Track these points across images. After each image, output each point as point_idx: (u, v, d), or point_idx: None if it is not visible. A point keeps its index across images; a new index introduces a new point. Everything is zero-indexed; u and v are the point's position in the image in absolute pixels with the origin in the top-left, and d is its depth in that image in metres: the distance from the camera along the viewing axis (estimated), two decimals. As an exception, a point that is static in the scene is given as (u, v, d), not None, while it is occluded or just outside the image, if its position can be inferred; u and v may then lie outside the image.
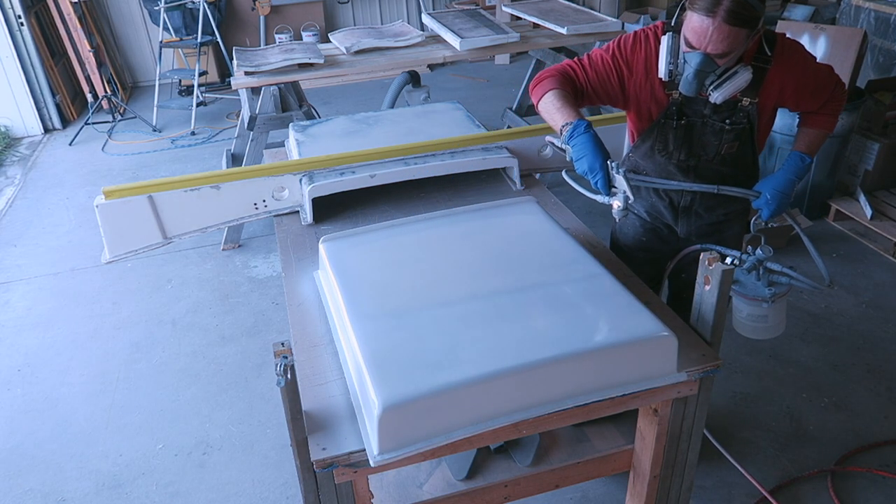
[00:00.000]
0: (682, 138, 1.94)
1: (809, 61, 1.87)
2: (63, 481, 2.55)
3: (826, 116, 1.95)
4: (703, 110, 1.89)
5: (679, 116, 1.91)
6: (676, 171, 2.00)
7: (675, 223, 2.12)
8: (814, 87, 1.89)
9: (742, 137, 1.92)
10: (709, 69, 1.72)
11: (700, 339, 1.62)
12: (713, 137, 1.92)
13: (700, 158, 1.96)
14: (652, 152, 2.00)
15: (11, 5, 5.72)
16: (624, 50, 1.89)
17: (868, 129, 3.93)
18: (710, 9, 1.63)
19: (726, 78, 1.74)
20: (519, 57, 7.44)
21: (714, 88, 1.75)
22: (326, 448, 1.36)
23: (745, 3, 1.61)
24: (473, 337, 1.47)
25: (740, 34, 1.65)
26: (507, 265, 1.72)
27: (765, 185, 1.89)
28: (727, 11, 1.61)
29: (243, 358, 3.14)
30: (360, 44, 3.93)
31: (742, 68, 1.74)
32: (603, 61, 1.90)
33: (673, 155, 1.97)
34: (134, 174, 5.22)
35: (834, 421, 2.62)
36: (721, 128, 1.90)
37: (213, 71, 7.04)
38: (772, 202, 1.86)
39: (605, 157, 1.67)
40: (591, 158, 1.66)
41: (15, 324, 3.48)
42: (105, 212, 2.07)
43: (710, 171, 1.98)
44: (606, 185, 1.66)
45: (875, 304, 3.27)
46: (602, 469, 1.90)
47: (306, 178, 2.18)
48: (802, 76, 1.86)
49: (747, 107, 1.86)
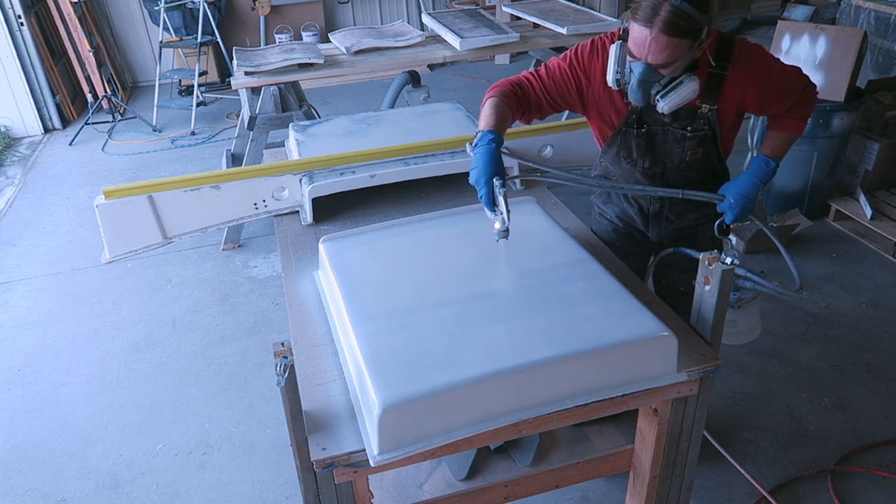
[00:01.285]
0: (644, 146, 1.93)
1: (772, 65, 1.83)
2: (63, 481, 2.55)
3: (794, 120, 1.91)
4: (663, 118, 1.87)
5: (639, 125, 1.90)
6: (643, 177, 2.00)
7: (645, 228, 2.12)
8: (778, 91, 1.85)
9: (706, 143, 1.90)
10: (652, 79, 1.70)
11: (700, 339, 1.62)
12: (675, 145, 1.91)
13: (665, 165, 1.95)
14: (618, 159, 2.00)
15: (11, 5, 5.72)
16: (581, 58, 1.87)
17: (868, 129, 3.93)
18: (647, 19, 1.62)
19: (672, 88, 1.71)
20: (519, 57, 7.43)
21: (660, 98, 1.73)
22: (326, 448, 1.36)
23: (682, 14, 1.59)
24: (473, 337, 1.47)
25: (680, 45, 1.63)
26: (506, 265, 1.71)
27: (728, 188, 1.88)
28: (664, 22, 1.60)
29: (243, 358, 3.14)
30: (360, 44, 3.93)
31: (688, 78, 1.71)
32: (560, 70, 1.89)
33: (637, 163, 1.97)
34: (134, 174, 5.22)
35: (834, 421, 2.62)
36: (683, 135, 1.88)
37: (213, 71, 7.04)
38: (735, 206, 1.84)
39: (494, 173, 1.63)
40: (480, 171, 1.63)
41: (15, 324, 3.48)
42: (105, 212, 2.07)
43: (677, 177, 1.97)
44: (489, 202, 1.62)
45: (875, 304, 3.27)
46: (602, 469, 1.90)
47: (306, 178, 2.18)
48: (764, 81, 1.82)
49: (707, 114, 1.84)
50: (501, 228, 1.61)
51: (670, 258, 1.83)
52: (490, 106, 1.79)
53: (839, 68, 3.63)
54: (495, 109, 1.78)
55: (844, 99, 3.63)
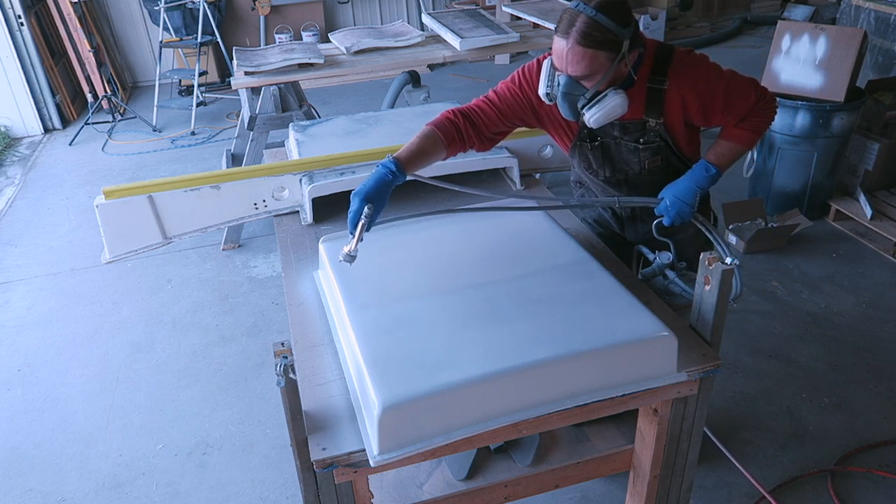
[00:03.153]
0: (601, 158, 1.94)
1: (714, 77, 1.79)
2: (63, 481, 2.55)
3: (744, 131, 1.86)
4: (613, 131, 1.87)
5: (592, 138, 1.91)
6: (607, 186, 2.00)
7: (622, 231, 2.14)
8: (723, 103, 1.79)
9: (661, 153, 1.90)
10: (575, 92, 1.70)
11: (700, 339, 1.62)
12: (631, 156, 1.91)
13: (627, 174, 1.96)
14: (581, 169, 2.02)
15: (11, 5, 5.72)
16: (529, 77, 1.87)
17: (868, 129, 3.93)
18: (565, 31, 1.63)
19: (596, 101, 1.70)
20: (519, 57, 7.43)
21: (586, 111, 1.72)
22: (326, 448, 1.36)
23: (597, 26, 1.60)
24: (473, 337, 1.47)
25: (597, 56, 1.63)
26: (506, 265, 1.72)
27: (666, 191, 1.87)
28: (579, 33, 1.60)
29: (243, 358, 3.14)
30: (360, 44, 3.93)
31: (613, 92, 1.69)
32: (511, 92, 1.88)
33: (598, 173, 1.98)
34: (134, 174, 5.22)
35: (834, 421, 2.62)
36: (635, 147, 1.88)
37: (213, 71, 7.04)
38: (671, 208, 1.84)
39: (371, 198, 1.60)
40: (361, 188, 1.62)
41: (15, 324, 3.48)
42: (105, 212, 2.07)
43: (643, 183, 1.96)
44: (352, 222, 1.60)
45: (875, 304, 3.27)
46: (602, 469, 1.90)
47: (306, 178, 2.18)
48: (705, 93, 1.78)
49: (655, 127, 1.84)
50: (349, 252, 1.56)
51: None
52: (418, 135, 1.77)
53: (839, 68, 3.63)
54: (420, 140, 1.76)
55: (844, 99, 3.63)
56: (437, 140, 1.78)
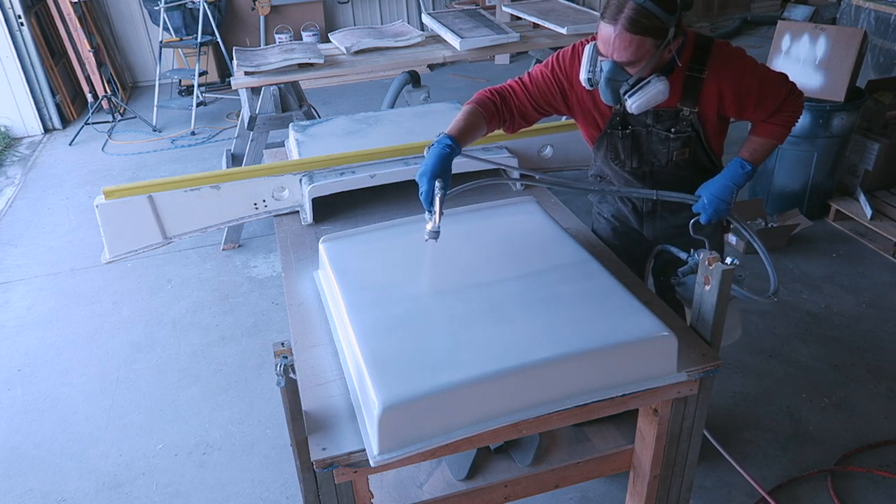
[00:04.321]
0: (630, 147, 1.94)
1: (750, 70, 1.81)
2: (63, 481, 2.55)
3: (775, 126, 1.90)
4: (646, 120, 1.88)
5: (623, 126, 1.91)
6: (632, 178, 2.00)
7: (640, 227, 2.13)
8: (757, 96, 1.82)
9: (690, 144, 1.90)
10: (619, 78, 1.71)
11: (700, 339, 1.62)
12: (660, 145, 1.91)
13: (653, 165, 1.96)
14: (607, 160, 2.01)
15: (11, 5, 5.72)
16: (563, 63, 1.89)
17: (868, 129, 3.93)
18: (612, 17, 1.64)
19: (639, 88, 1.72)
20: (519, 57, 7.43)
21: (628, 97, 1.74)
22: (326, 448, 1.36)
23: (645, 12, 1.61)
24: (473, 337, 1.47)
25: (644, 43, 1.65)
26: (507, 265, 1.72)
27: (703, 189, 1.88)
28: (627, 19, 1.62)
29: (243, 358, 3.14)
30: (360, 44, 3.93)
31: (656, 79, 1.71)
32: (544, 77, 1.90)
33: (625, 163, 1.98)
34: (134, 174, 5.22)
35: (834, 421, 2.62)
36: (666, 136, 1.89)
37: (213, 71, 7.04)
38: (708, 206, 1.85)
39: (437, 175, 1.63)
40: (425, 170, 1.64)
41: (15, 324, 3.48)
42: (105, 212, 2.07)
43: (668, 176, 1.97)
44: (427, 201, 1.62)
45: (875, 304, 3.27)
46: (602, 469, 1.90)
47: (306, 178, 2.18)
48: (741, 85, 1.81)
49: (689, 116, 1.85)
50: (433, 229, 1.60)
51: (667, 256, 1.83)
52: (462, 113, 1.80)
53: (839, 68, 3.63)
54: (465, 117, 1.79)
55: (844, 99, 3.63)
56: (480, 116, 1.82)
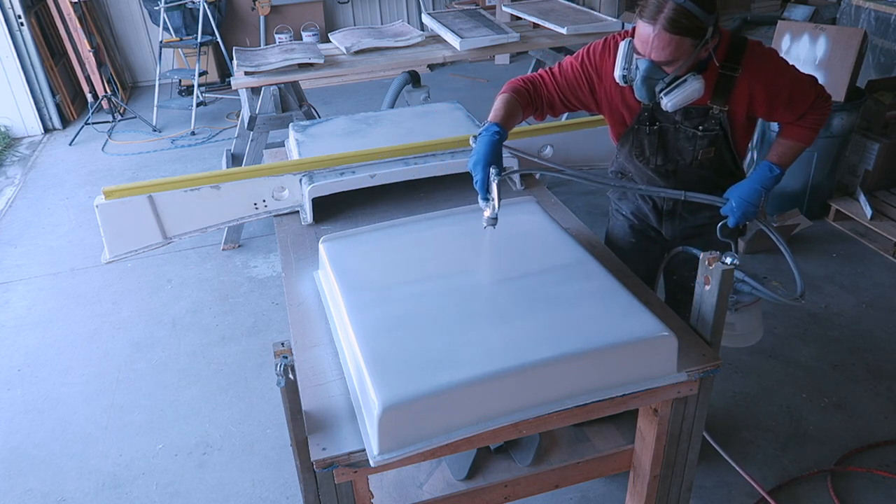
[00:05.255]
0: (656, 144, 1.94)
1: (783, 71, 1.83)
2: (63, 481, 2.55)
3: (803, 129, 1.91)
4: (675, 116, 1.88)
5: (652, 122, 1.92)
6: (656, 175, 2.00)
7: (659, 226, 2.13)
8: (788, 97, 1.84)
9: (717, 143, 1.91)
10: (656, 76, 1.72)
11: (700, 339, 1.62)
12: (687, 143, 1.92)
13: (678, 163, 1.96)
14: (631, 157, 2.01)
15: (11, 5, 5.72)
16: (593, 57, 1.90)
17: (868, 129, 3.92)
18: (652, 16, 1.65)
19: (676, 86, 1.73)
20: (519, 57, 7.43)
21: (664, 95, 1.75)
22: (326, 448, 1.36)
23: (685, 13, 1.61)
24: (473, 337, 1.47)
25: (683, 43, 1.65)
26: (507, 265, 1.71)
27: (732, 192, 1.89)
28: (667, 19, 1.62)
29: (243, 358, 3.14)
30: (360, 44, 3.93)
31: (692, 77, 1.72)
32: (573, 69, 1.92)
33: (650, 160, 1.98)
34: (134, 174, 5.22)
35: (834, 421, 2.62)
36: (694, 134, 1.89)
37: (213, 71, 7.04)
38: (737, 210, 1.86)
39: (490, 162, 1.66)
40: (478, 158, 1.67)
41: (15, 324, 3.48)
42: (105, 212, 2.07)
43: (691, 176, 1.98)
44: (483, 189, 1.65)
45: (875, 304, 3.27)
46: (602, 469, 1.90)
47: (306, 178, 2.18)
48: (773, 86, 1.82)
49: (718, 114, 1.85)
50: (491, 216, 1.64)
51: (683, 256, 1.83)
52: (500, 101, 1.84)
53: (839, 68, 3.63)
54: (504, 105, 1.82)
55: (844, 99, 3.63)
56: (517, 104, 1.86)
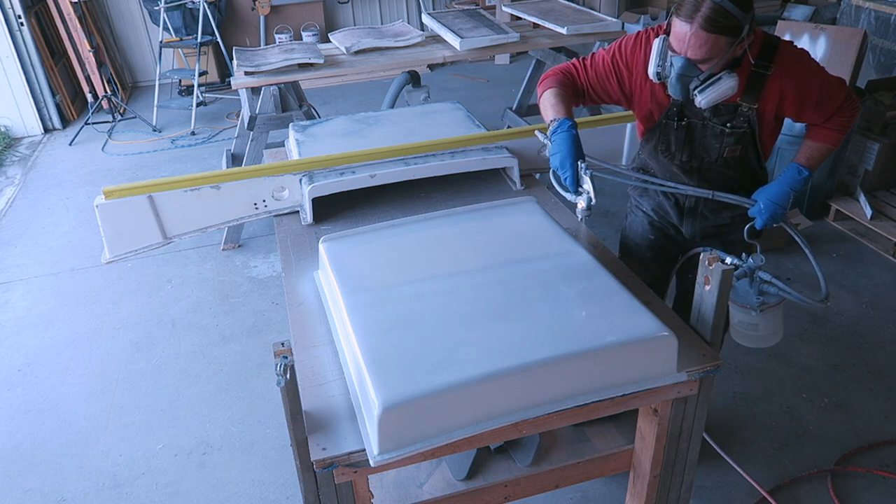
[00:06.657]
0: (683, 140, 1.95)
1: (814, 72, 1.83)
2: (63, 481, 2.55)
3: (831, 131, 1.91)
4: (703, 112, 1.89)
5: (680, 118, 1.93)
6: (680, 172, 2.01)
7: (680, 223, 2.13)
8: (817, 98, 1.84)
9: (744, 141, 1.91)
10: (691, 74, 1.73)
11: (700, 339, 1.62)
12: (714, 140, 1.92)
13: (703, 160, 1.97)
14: (656, 152, 2.02)
15: (11, 5, 5.71)
16: (624, 51, 1.92)
17: (868, 129, 3.92)
18: (689, 15, 1.65)
19: (710, 83, 1.74)
20: (519, 57, 7.43)
21: (698, 93, 1.76)
22: (326, 448, 1.36)
23: (722, 12, 1.62)
24: (473, 337, 1.47)
25: (719, 41, 1.66)
26: (507, 265, 1.71)
27: (760, 194, 1.89)
28: (704, 18, 1.63)
29: (243, 358, 3.14)
30: (360, 44, 3.93)
31: (727, 75, 1.73)
32: (603, 62, 1.94)
33: (675, 156, 1.98)
34: (134, 174, 5.22)
35: (834, 421, 2.62)
36: (721, 131, 1.90)
37: (213, 71, 7.03)
38: (765, 211, 1.86)
39: (577, 156, 1.71)
40: (564, 155, 1.71)
41: (15, 324, 3.48)
42: (105, 212, 2.07)
43: (714, 174, 1.98)
44: (574, 184, 1.70)
45: (875, 304, 3.27)
46: (602, 469, 1.90)
47: (306, 178, 2.18)
48: (803, 86, 1.82)
49: (747, 112, 1.86)
50: (586, 207, 1.69)
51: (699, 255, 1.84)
52: (554, 96, 1.86)
53: (839, 68, 3.63)
54: (560, 98, 1.85)
55: (844, 99, 3.62)
56: (569, 95, 1.91)
